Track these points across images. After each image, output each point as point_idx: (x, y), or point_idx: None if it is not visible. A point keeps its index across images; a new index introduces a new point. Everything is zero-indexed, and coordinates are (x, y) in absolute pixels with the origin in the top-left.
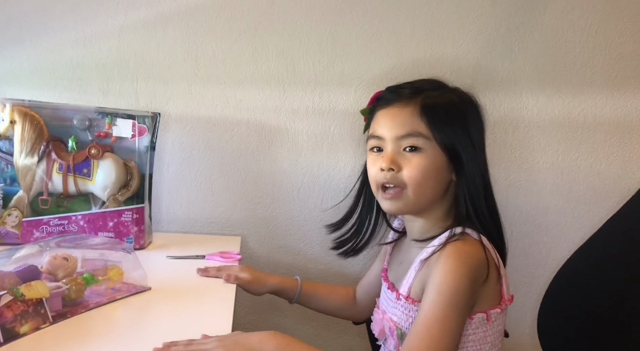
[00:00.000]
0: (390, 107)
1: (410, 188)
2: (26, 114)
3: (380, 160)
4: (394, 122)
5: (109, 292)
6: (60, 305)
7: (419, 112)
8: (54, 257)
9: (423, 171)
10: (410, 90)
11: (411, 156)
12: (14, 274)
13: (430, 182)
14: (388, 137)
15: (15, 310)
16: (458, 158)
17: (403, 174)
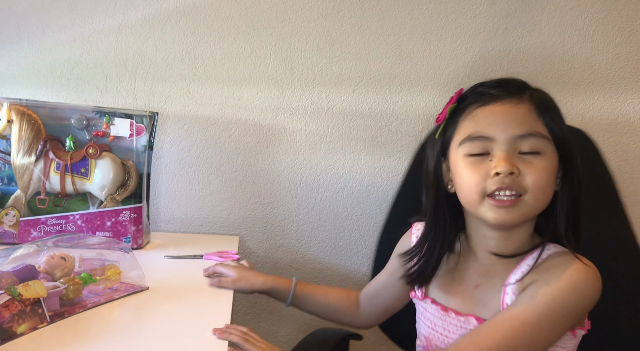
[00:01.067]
0: (498, 103)
1: (532, 194)
2: (24, 114)
3: (489, 164)
4: (509, 121)
5: (107, 292)
6: (58, 304)
7: (536, 110)
8: (51, 256)
9: (548, 176)
10: (514, 86)
11: (532, 159)
12: (12, 273)
13: (550, 189)
14: (501, 138)
15: (13, 309)
16: (569, 163)
17: (525, 179)
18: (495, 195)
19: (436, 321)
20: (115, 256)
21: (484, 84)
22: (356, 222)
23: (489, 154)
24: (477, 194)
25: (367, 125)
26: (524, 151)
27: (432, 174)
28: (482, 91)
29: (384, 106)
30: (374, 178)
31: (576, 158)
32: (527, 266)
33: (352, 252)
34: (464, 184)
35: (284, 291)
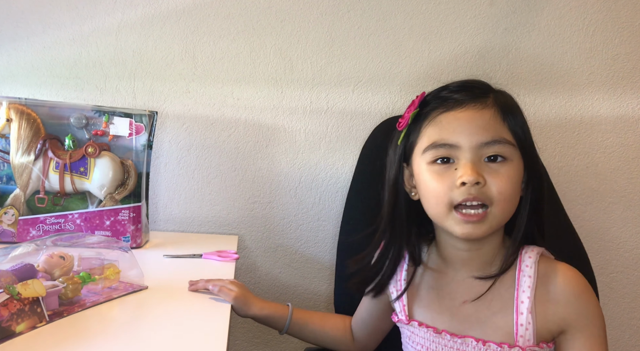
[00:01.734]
0: (463, 108)
1: (499, 205)
2: (23, 112)
3: (454, 173)
4: (474, 127)
5: (106, 291)
6: (56, 303)
7: (501, 115)
8: (50, 256)
9: (514, 185)
10: (478, 91)
11: (498, 167)
12: (10, 272)
13: (516, 196)
14: (466, 145)
15: (12, 308)
16: (533, 166)
17: (491, 189)
18: (462, 208)
19: (428, 345)
20: (114, 255)
21: (447, 88)
22: None
23: (453, 161)
24: (444, 206)
25: (366, 125)
26: (490, 157)
27: (392, 180)
28: (444, 95)
29: (383, 106)
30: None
31: (538, 161)
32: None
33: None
34: (429, 195)
35: (280, 320)
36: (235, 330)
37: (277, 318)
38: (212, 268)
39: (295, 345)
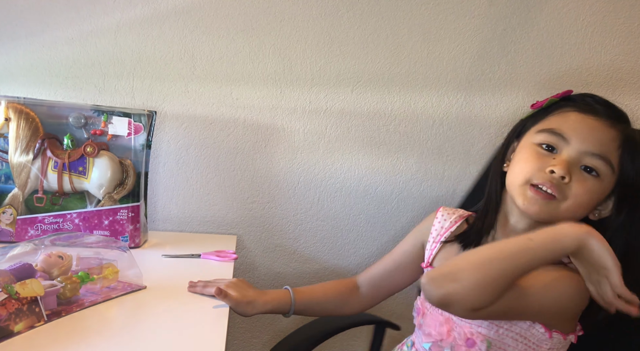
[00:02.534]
0: (594, 117)
1: (568, 205)
2: (21, 112)
3: (550, 160)
4: (592, 136)
5: (104, 291)
6: (55, 303)
7: (621, 142)
8: (48, 255)
9: (590, 197)
10: (615, 113)
11: (587, 177)
12: (9, 272)
13: (587, 209)
14: (576, 145)
15: (10, 308)
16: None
17: (571, 188)
18: (536, 186)
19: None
20: (112, 255)
21: (594, 97)
22: (354, 222)
23: (556, 152)
24: (523, 178)
25: (365, 125)
26: (586, 166)
27: (502, 149)
28: (587, 100)
29: (382, 106)
30: (372, 177)
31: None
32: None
33: (350, 252)
34: (518, 165)
35: (284, 307)
36: (233, 330)
37: (281, 307)
38: (210, 268)
39: None
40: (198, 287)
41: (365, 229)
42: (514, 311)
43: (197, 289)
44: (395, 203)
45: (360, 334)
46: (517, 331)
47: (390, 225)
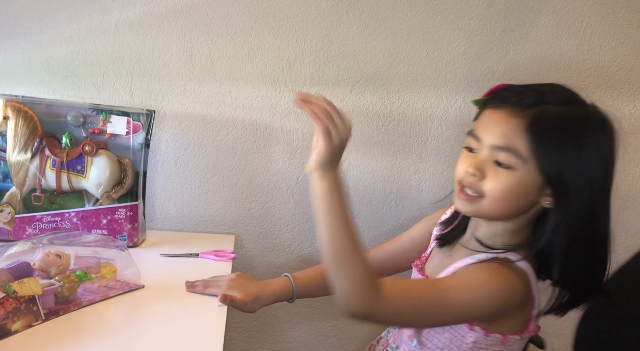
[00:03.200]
0: (498, 110)
1: (487, 200)
2: (20, 110)
3: (469, 161)
4: (495, 130)
5: (103, 290)
6: (52, 302)
7: (525, 128)
8: (46, 254)
9: (506, 191)
10: (527, 99)
11: (500, 170)
12: (6, 271)
13: (511, 202)
14: (485, 143)
15: (7, 307)
16: (563, 189)
17: (485, 184)
18: (463, 188)
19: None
20: (110, 254)
21: (510, 88)
22: None
23: (475, 153)
24: (456, 181)
25: (364, 125)
26: (499, 161)
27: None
28: (502, 94)
29: (381, 107)
30: (371, 177)
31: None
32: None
33: None
34: (456, 169)
35: (286, 295)
36: (231, 330)
37: (284, 295)
38: (208, 268)
39: (292, 344)
40: (198, 287)
41: (363, 230)
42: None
43: (198, 290)
44: (394, 203)
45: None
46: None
47: (389, 225)
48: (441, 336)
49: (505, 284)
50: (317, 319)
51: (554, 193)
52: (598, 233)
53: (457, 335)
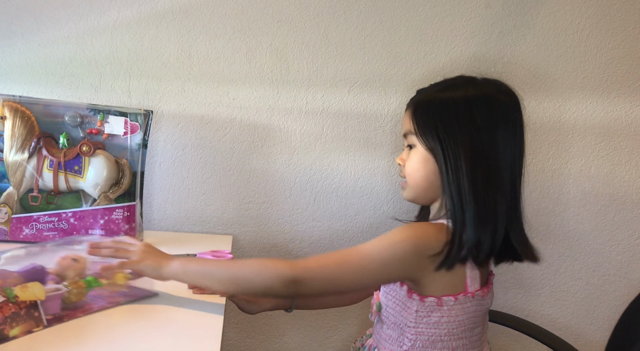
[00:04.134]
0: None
1: (408, 179)
2: (17, 110)
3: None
4: (403, 123)
5: (114, 296)
6: (58, 307)
7: (412, 112)
8: (62, 258)
9: (412, 167)
10: (419, 92)
11: (410, 152)
12: (18, 274)
13: (419, 174)
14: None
15: (6, 311)
16: (437, 154)
17: (405, 169)
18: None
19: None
20: None
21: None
22: (350, 223)
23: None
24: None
25: (362, 126)
26: (408, 144)
27: None
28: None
29: (379, 107)
30: (368, 178)
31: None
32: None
33: None
34: None
35: (286, 302)
36: (229, 330)
37: (284, 304)
38: None
39: (289, 345)
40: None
41: (361, 231)
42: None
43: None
44: (392, 204)
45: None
46: (394, 295)
47: (387, 226)
48: (393, 311)
49: (418, 231)
50: (315, 319)
51: (435, 160)
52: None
53: (402, 305)
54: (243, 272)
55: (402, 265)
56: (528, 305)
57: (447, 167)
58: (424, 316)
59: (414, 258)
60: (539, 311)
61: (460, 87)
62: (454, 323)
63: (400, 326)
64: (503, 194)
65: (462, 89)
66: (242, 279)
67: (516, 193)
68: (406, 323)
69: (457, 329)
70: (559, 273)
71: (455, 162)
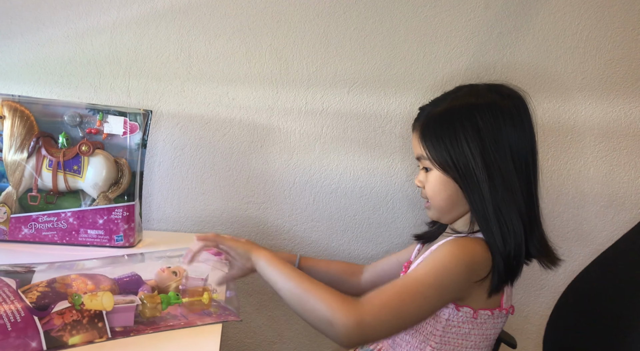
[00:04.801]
0: (413, 131)
1: (431, 200)
2: (16, 110)
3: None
4: (414, 146)
5: (193, 316)
6: (131, 320)
7: (420, 137)
8: (162, 270)
9: (433, 190)
10: (421, 112)
11: (427, 175)
12: (113, 281)
13: (441, 197)
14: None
15: (67, 318)
16: (454, 174)
17: (426, 191)
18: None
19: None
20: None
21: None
22: (349, 223)
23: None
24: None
25: (361, 126)
26: (424, 167)
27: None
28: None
29: (378, 108)
30: (367, 179)
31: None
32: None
33: (345, 253)
34: None
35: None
36: (227, 330)
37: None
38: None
39: (287, 345)
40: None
41: (360, 231)
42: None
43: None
44: (391, 204)
45: None
46: None
47: (386, 227)
48: None
49: (468, 251)
50: None
51: (454, 179)
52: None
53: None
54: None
55: (457, 286)
56: (528, 305)
57: (467, 186)
58: (454, 326)
59: (467, 278)
60: (538, 311)
61: (462, 100)
62: (482, 336)
63: (424, 333)
64: (522, 197)
65: (464, 101)
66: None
67: (533, 196)
68: (432, 331)
69: (483, 343)
70: (558, 274)
71: (472, 179)
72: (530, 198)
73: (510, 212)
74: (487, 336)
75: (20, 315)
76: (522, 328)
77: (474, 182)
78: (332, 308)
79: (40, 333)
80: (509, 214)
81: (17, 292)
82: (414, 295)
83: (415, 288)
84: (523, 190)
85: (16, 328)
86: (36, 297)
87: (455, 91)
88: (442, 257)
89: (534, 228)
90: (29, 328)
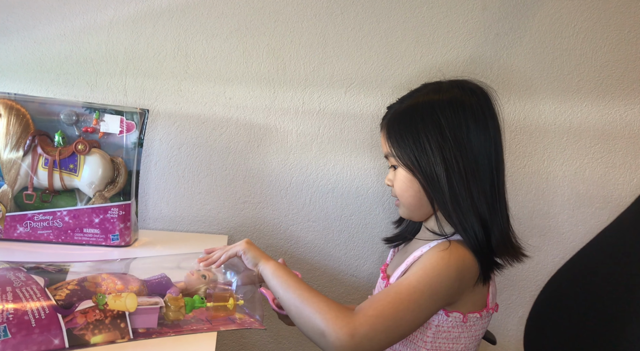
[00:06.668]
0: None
1: (400, 200)
2: (12, 108)
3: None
4: (381, 144)
5: (216, 321)
6: (155, 322)
7: (386, 135)
8: (191, 273)
9: (400, 188)
10: (389, 109)
11: (395, 173)
12: (141, 282)
13: (409, 194)
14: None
15: (90, 317)
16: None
17: (395, 189)
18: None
19: (376, 287)
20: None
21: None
22: (345, 223)
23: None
24: None
25: (358, 127)
26: (392, 165)
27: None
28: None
29: (375, 108)
30: (364, 179)
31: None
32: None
33: (341, 253)
34: None
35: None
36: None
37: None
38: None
39: (284, 345)
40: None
41: (356, 231)
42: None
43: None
44: (387, 204)
45: None
46: None
47: (382, 227)
48: None
49: (458, 255)
50: None
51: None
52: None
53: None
54: (308, 302)
55: (448, 291)
56: (522, 307)
57: (428, 183)
58: (444, 331)
59: (457, 283)
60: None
61: (425, 97)
62: (471, 338)
63: (414, 341)
64: (483, 194)
65: (427, 98)
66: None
67: (498, 191)
68: (422, 338)
69: (472, 343)
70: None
71: (432, 176)
72: (494, 195)
73: (468, 208)
74: (476, 337)
75: (45, 312)
76: (502, 326)
77: (434, 179)
78: (326, 319)
79: (63, 330)
80: (467, 211)
81: (44, 290)
82: (407, 303)
83: (409, 296)
84: (486, 186)
85: (40, 324)
86: (65, 295)
87: (421, 88)
88: (434, 263)
89: (494, 225)
90: (52, 326)
